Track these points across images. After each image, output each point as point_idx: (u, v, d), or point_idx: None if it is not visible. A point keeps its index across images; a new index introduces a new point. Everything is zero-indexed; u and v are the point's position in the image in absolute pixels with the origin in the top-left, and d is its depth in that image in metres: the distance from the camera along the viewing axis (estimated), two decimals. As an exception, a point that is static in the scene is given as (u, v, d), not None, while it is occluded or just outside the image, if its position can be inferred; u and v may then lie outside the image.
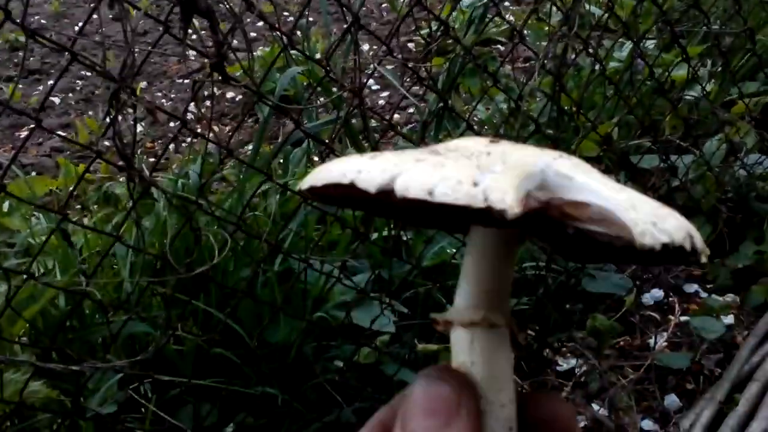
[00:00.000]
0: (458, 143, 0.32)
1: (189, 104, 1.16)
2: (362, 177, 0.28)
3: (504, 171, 0.28)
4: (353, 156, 0.31)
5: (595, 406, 1.47)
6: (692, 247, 0.29)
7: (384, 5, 3.99)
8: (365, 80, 1.27)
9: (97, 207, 1.81)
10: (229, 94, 3.08)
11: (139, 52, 0.91)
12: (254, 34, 3.56)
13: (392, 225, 1.43)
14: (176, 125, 2.61)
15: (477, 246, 0.34)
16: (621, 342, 1.63)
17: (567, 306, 1.68)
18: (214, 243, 1.23)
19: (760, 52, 2.11)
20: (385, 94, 3.00)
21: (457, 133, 1.61)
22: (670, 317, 1.69)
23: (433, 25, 1.48)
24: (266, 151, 1.81)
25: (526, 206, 0.27)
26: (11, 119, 2.86)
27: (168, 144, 1.32)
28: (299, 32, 1.96)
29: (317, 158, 1.75)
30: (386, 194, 0.28)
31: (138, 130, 1.16)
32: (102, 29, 0.90)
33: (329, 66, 1.12)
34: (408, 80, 2.03)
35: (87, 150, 0.99)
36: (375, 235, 1.47)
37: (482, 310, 0.33)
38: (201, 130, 2.36)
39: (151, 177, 1.04)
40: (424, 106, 2.10)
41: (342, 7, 1.13)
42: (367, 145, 1.51)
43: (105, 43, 0.93)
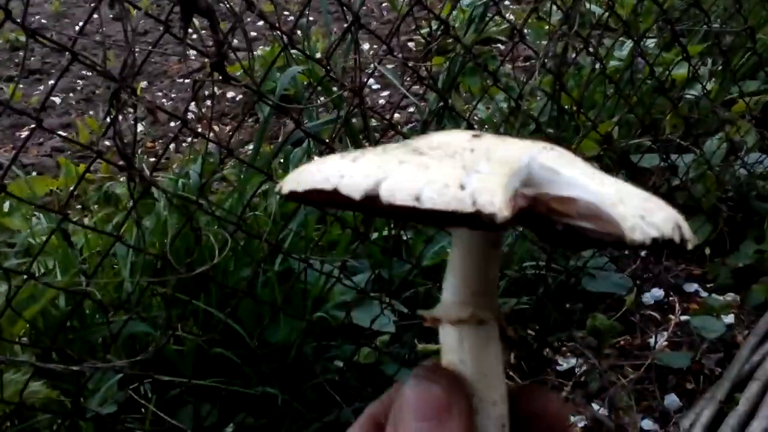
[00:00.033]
0: (440, 139, 0.32)
1: (189, 104, 1.16)
2: (345, 182, 0.28)
3: (490, 170, 0.28)
4: (334, 157, 0.31)
5: (595, 406, 1.47)
6: (681, 238, 0.29)
7: (384, 4, 3.99)
8: (365, 79, 1.27)
9: (98, 207, 1.81)
10: (230, 94, 3.08)
11: (140, 52, 0.91)
12: (254, 34, 3.56)
13: (392, 225, 1.43)
14: (177, 125, 2.60)
15: (463, 241, 0.34)
16: (621, 341, 1.63)
17: (567, 305, 1.68)
18: (215, 243, 1.23)
19: (761, 51, 2.11)
20: (386, 94, 3.00)
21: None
22: (671, 316, 1.69)
23: (434, 24, 1.48)
24: (266, 151, 1.81)
25: (515, 207, 0.26)
26: (12, 119, 2.86)
27: (168, 144, 1.32)
28: (299, 31, 1.96)
29: (318, 157, 1.75)
30: (371, 199, 0.27)
31: (138, 130, 1.16)
32: (102, 29, 0.90)
33: (329, 65, 1.12)
34: (408, 79, 2.03)
35: (88, 150, 0.99)
36: (375, 235, 1.47)
37: (470, 307, 0.33)
38: (201, 130, 2.36)
39: (152, 177, 1.04)
40: (425, 106, 2.10)
41: (342, 7, 1.13)
42: (368, 145, 1.51)
43: (105, 43, 0.93)
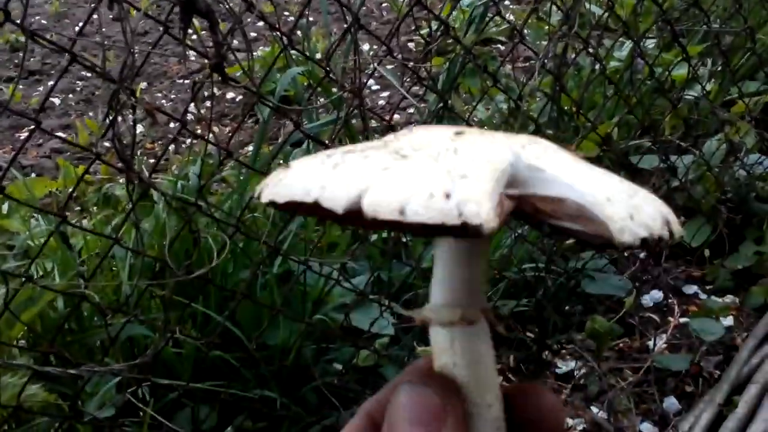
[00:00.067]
0: (421, 138, 0.31)
1: (189, 105, 1.16)
2: (327, 195, 0.27)
3: (475, 174, 0.27)
4: (314, 161, 0.30)
5: (595, 409, 1.47)
6: (670, 233, 0.29)
7: (384, 5, 3.98)
8: (365, 80, 1.27)
9: (97, 208, 1.81)
10: (229, 95, 3.07)
11: (139, 53, 0.91)
12: (254, 34, 3.56)
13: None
14: (176, 126, 2.60)
15: (448, 242, 0.33)
16: (620, 344, 1.63)
17: (566, 308, 1.68)
18: (213, 245, 1.23)
19: (760, 51, 2.11)
20: (385, 95, 2.99)
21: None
22: (670, 319, 1.68)
23: (433, 25, 1.47)
24: (266, 152, 1.80)
25: (501, 214, 0.26)
26: (11, 120, 2.85)
27: (167, 146, 1.32)
28: (299, 32, 1.96)
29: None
30: (355, 212, 0.26)
31: (138, 131, 1.16)
32: (102, 29, 0.89)
33: (329, 66, 1.12)
34: (408, 80, 2.02)
35: (87, 151, 0.99)
36: (374, 237, 1.47)
37: (459, 309, 0.32)
38: (201, 131, 2.36)
39: (151, 179, 1.03)
40: (424, 107, 2.10)
41: (342, 7, 1.13)
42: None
43: (105, 44, 0.93)
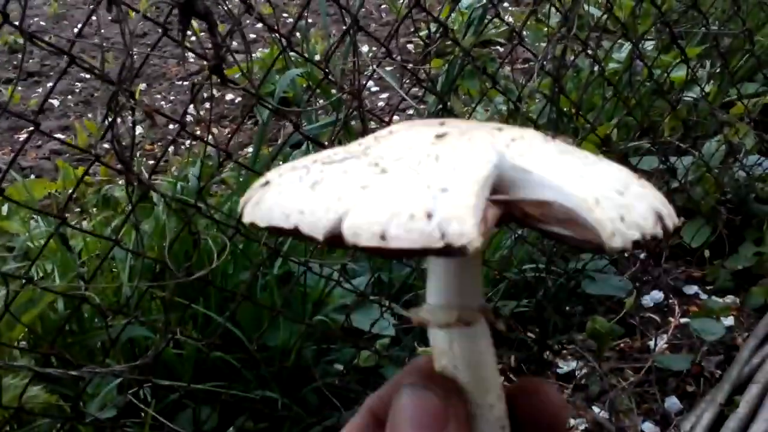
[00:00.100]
0: (402, 143, 0.30)
1: (188, 107, 1.16)
2: (307, 220, 0.26)
3: (456, 186, 0.26)
4: (292, 177, 0.29)
5: (596, 409, 1.47)
6: (664, 229, 0.28)
7: (383, 6, 3.99)
8: (364, 82, 1.27)
9: (96, 210, 1.81)
10: (229, 96, 3.07)
11: (138, 55, 0.91)
12: (253, 36, 3.56)
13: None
14: (175, 127, 2.60)
15: None
16: (621, 344, 1.63)
17: (567, 308, 1.68)
18: (213, 246, 1.23)
19: (759, 53, 2.11)
20: (385, 96, 2.99)
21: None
22: (670, 319, 1.69)
23: (432, 27, 1.47)
24: (265, 154, 1.80)
25: (488, 227, 0.25)
26: (10, 122, 2.85)
27: (167, 147, 1.32)
28: (298, 34, 1.96)
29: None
30: (336, 237, 0.26)
31: (137, 133, 1.16)
32: (101, 30, 0.89)
33: (328, 68, 1.12)
34: (407, 82, 2.02)
35: (86, 153, 0.99)
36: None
37: (455, 311, 0.32)
38: (200, 133, 2.36)
39: (150, 180, 1.04)
40: (424, 108, 2.10)
41: (341, 9, 1.13)
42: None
43: (104, 46, 0.93)
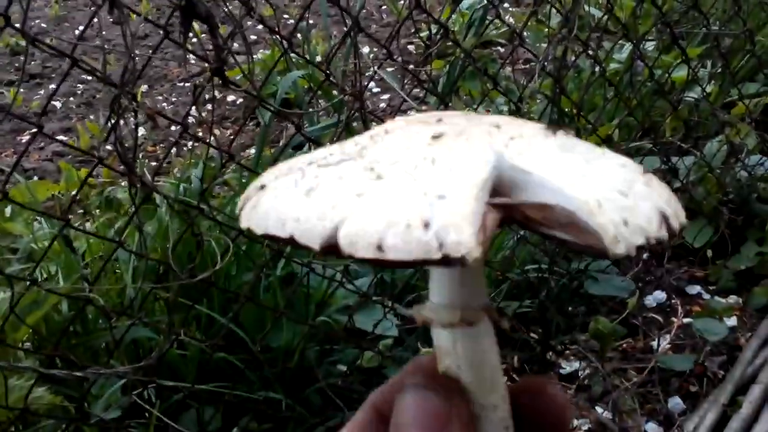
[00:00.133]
0: (398, 144, 0.29)
1: (190, 109, 1.16)
2: (302, 229, 0.26)
3: (453, 192, 0.25)
4: (287, 181, 0.29)
5: (599, 409, 1.47)
6: (669, 230, 0.27)
7: (384, 7, 3.99)
8: (366, 83, 1.27)
9: (99, 211, 1.81)
10: (230, 97, 3.08)
11: (140, 57, 0.91)
12: (254, 37, 3.56)
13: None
14: (177, 129, 2.60)
15: None
16: (624, 344, 1.63)
17: (570, 309, 1.68)
18: (216, 248, 1.23)
19: (760, 53, 2.11)
20: (386, 97, 3.00)
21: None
22: (673, 319, 1.69)
23: (433, 28, 1.48)
24: (268, 155, 1.81)
25: (487, 235, 0.24)
26: (12, 123, 2.85)
27: (169, 149, 1.32)
28: (299, 35, 1.96)
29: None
30: (332, 246, 0.25)
31: (139, 134, 1.16)
32: (102, 32, 0.90)
33: (329, 70, 1.12)
34: (408, 83, 2.02)
35: (89, 155, 1.00)
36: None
37: (459, 310, 0.31)
38: (202, 134, 2.36)
39: (153, 182, 1.04)
40: (425, 109, 2.10)
41: (342, 11, 1.14)
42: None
43: (105, 48, 0.94)
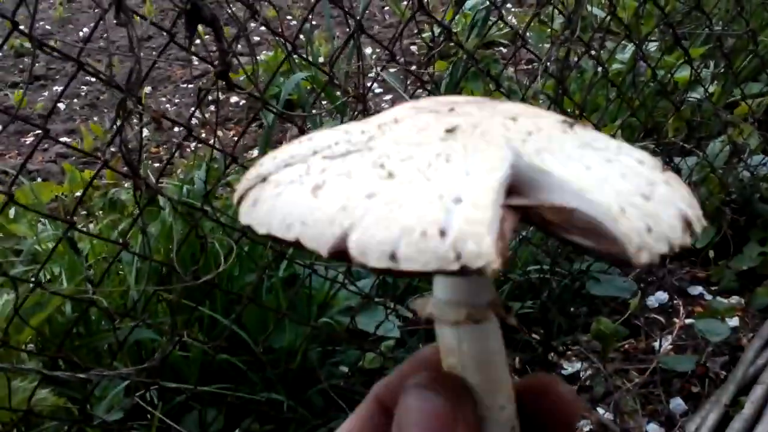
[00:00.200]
0: (408, 138, 0.28)
1: (194, 111, 1.17)
2: (309, 233, 0.25)
3: (471, 195, 0.24)
4: (291, 174, 0.27)
5: (601, 410, 1.47)
6: (692, 235, 0.26)
7: (386, 8, 3.99)
8: (368, 85, 1.28)
9: (103, 213, 1.82)
10: (233, 99, 3.08)
11: (145, 60, 0.92)
12: (258, 38, 3.57)
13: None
14: (181, 130, 2.61)
15: None
16: (626, 345, 1.63)
17: (571, 309, 1.68)
18: (220, 249, 1.23)
19: (763, 54, 2.11)
20: (389, 98, 3.00)
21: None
22: (675, 320, 1.69)
23: (436, 29, 1.48)
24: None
25: (506, 243, 0.23)
26: (17, 125, 2.87)
27: (174, 152, 1.33)
28: (302, 36, 1.96)
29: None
30: (341, 252, 0.24)
31: (143, 135, 1.17)
32: (107, 34, 0.90)
33: (332, 72, 1.13)
34: (411, 84, 2.03)
35: (93, 158, 1.00)
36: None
37: (464, 308, 0.30)
38: (205, 135, 2.37)
39: (157, 184, 1.05)
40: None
41: (345, 13, 1.14)
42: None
43: (110, 50, 0.94)
